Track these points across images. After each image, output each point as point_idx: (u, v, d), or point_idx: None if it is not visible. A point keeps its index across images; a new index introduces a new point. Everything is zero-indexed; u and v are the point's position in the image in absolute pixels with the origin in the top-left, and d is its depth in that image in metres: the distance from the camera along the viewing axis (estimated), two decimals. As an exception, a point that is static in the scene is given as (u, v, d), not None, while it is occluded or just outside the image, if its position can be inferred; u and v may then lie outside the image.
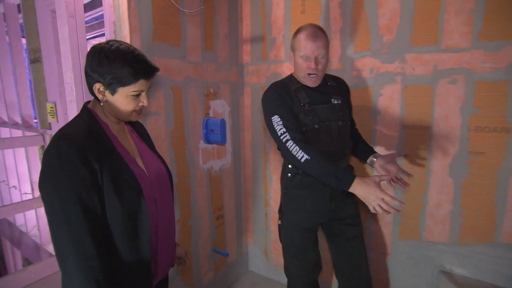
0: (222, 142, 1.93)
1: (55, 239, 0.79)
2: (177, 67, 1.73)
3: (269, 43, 2.14)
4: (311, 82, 1.34)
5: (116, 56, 0.83)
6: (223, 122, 1.92)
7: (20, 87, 2.62)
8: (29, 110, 2.66)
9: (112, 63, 0.82)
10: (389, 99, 1.71)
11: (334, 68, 1.86)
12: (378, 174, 1.41)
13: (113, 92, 0.86)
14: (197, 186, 1.96)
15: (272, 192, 2.33)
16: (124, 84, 0.84)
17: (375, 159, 1.43)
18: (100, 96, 0.88)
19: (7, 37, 2.76)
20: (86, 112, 0.90)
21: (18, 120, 2.89)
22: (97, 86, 0.86)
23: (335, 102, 1.39)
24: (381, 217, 1.85)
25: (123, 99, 0.87)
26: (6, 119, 3.00)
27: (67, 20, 1.27)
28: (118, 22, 1.44)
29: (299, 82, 1.40)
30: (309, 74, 1.31)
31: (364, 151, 1.49)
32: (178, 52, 1.72)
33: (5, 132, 3.22)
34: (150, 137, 1.15)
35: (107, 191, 0.83)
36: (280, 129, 1.27)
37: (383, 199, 1.06)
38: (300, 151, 1.20)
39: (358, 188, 1.12)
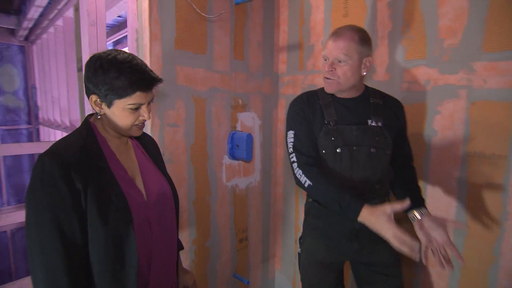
0: (248, 159, 1.78)
1: (30, 263, 0.73)
2: (202, 77, 1.64)
3: (306, 51, 1.95)
4: (326, 86, 1.16)
5: (111, 65, 0.77)
6: (249, 137, 1.77)
7: (71, 94, 2.83)
8: (77, 115, 2.85)
9: (106, 73, 0.76)
10: (449, 118, 1.38)
11: (380, 80, 1.59)
12: (418, 233, 1.09)
13: (109, 105, 0.80)
14: (218, 205, 1.83)
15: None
16: (120, 96, 0.78)
17: (417, 216, 1.10)
18: (97, 109, 0.82)
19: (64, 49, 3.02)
20: (85, 125, 0.85)
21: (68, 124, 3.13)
22: (93, 98, 0.80)
23: (373, 124, 1.14)
24: (434, 263, 1.49)
25: (120, 112, 0.80)
26: (60, 122, 3.27)
27: (87, 29, 1.26)
28: (140, 30, 1.40)
29: (332, 96, 1.19)
30: (325, 77, 1.13)
31: (408, 196, 1.16)
32: (203, 61, 1.63)
33: (58, 134, 3.53)
34: (160, 154, 1.06)
35: (90, 214, 0.75)
36: (290, 147, 1.17)
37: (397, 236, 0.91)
38: (303, 175, 1.10)
39: (368, 219, 0.98)
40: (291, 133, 1.17)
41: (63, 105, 3.12)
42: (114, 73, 0.76)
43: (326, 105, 1.17)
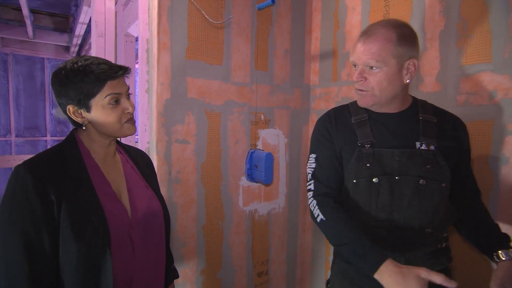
0: (267, 181, 1.63)
1: None
2: (216, 89, 1.55)
3: (341, 59, 1.76)
4: (359, 99, 0.97)
5: (74, 70, 0.78)
6: (269, 156, 1.62)
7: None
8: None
9: (72, 78, 0.77)
10: (527, 142, 1.07)
11: (429, 91, 1.33)
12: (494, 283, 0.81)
13: (88, 109, 0.80)
14: (233, 232, 1.69)
15: (335, 253, 1.84)
16: (93, 94, 0.78)
17: (503, 257, 0.84)
18: (79, 119, 0.82)
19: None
20: (68, 137, 0.85)
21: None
22: (70, 108, 0.81)
23: (422, 147, 0.92)
24: None
25: (101, 112, 0.80)
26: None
27: (95, 40, 1.26)
28: (151, 40, 1.38)
29: (367, 111, 1.00)
30: (357, 88, 0.95)
31: (487, 235, 0.94)
32: (218, 72, 1.55)
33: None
34: (153, 170, 1.03)
35: (63, 229, 0.73)
36: (309, 173, 1.03)
37: None
38: (317, 207, 0.96)
39: (387, 279, 0.79)
40: (312, 157, 1.04)
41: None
42: (79, 75, 0.77)
43: (360, 123, 0.97)
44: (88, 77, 0.77)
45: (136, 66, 4.37)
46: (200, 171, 1.54)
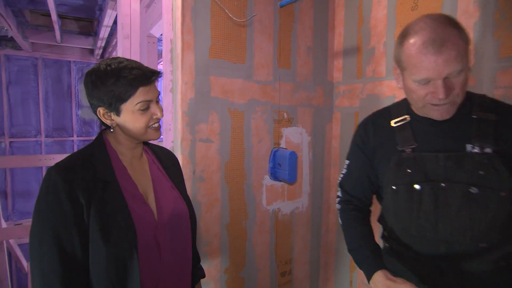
0: (290, 180, 1.62)
1: (30, 272, 0.76)
2: (239, 88, 1.56)
3: (366, 55, 1.73)
4: (438, 113, 0.83)
5: (106, 73, 0.79)
6: (293, 155, 1.61)
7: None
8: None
9: (104, 82, 0.79)
10: None
11: (463, 86, 1.28)
12: None
13: (118, 113, 0.82)
14: (256, 231, 1.69)
15: (361, 254, 1.81)
16: (124, 99, 0.80)
17: None
18: (108, 122, 0.84)
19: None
20: (97, 139, 0.87)
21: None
22: (101, 111, 0.82)
23: (474, 150, 0.82)
24: None
25: (130, 117, 0.82)
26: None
27: (122, 41, 1.30)
28: (174, 40, 1.41)
29: (410, 113, 0.92)
30: (434, 103, 0.82)
31: None
32: (241, 70, 1.56)
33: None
34: (179, 170, 1.04)
35: (92, 230, 0.76)
36: (339, 179, 1.06)
37: None
38: (339, 213, 1.02)
39: (378, 286, 0.83)
40: (346, 163, 1.06)
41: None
42: (111, 78, 0.78)
43: (401, 127, 0.91)
44: (120, 81, 0.78)
45: (159, 66, 4.47)
46: (224, 170, 1.55)
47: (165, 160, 0.99)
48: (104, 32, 3.82)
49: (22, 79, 5.11)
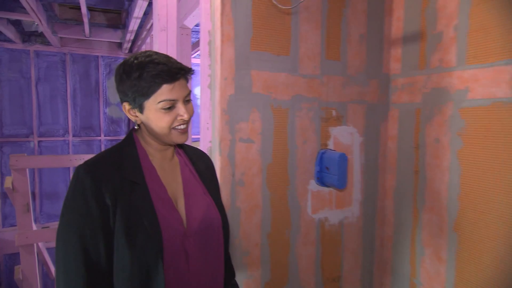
0: (340, 186, 1.62)
1: (55, 272, 0.83)
2: (283, 83, 1.59)
3: (430, 41, 1.68)
4: None
5: (132, 67, 0.83)
6: (343, 158, 1.62)
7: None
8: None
9: (129, 75, 0.83)
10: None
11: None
12: None
13: (141, 109, 0.86)
14: (300, 242, 1.72)
15: (424, 275, 1.77)
16: (146, 95, 0.83)
17: None
18: (132, 118, 0.89)
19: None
20: (127, 138, 0.92)
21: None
22: (126, 106, 0.87)
23: None
24: None
25: (153, 114, 0.85)
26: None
27: (158, 34, 1.39)
28: (213, 31, 1.47)
29: None
30: None
31: None
32: (285, 63, 1.59)
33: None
34: (214, 174, 1.08)
35: (117, 235, 0.80)
36: None
37: None
38: None
39: None
40: None
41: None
42: (136, 72, 0.82)
43: None
44: (143, 76, 0.81)
45: (193, 60, 4.64)
46: (266, 173, 1.59)
47: (199, 163, 1.02)
48: (133, 24, 4.04)
49: (51, 75, 5.56)
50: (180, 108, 0.85)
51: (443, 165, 1.64)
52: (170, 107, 0.84)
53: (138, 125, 0.90)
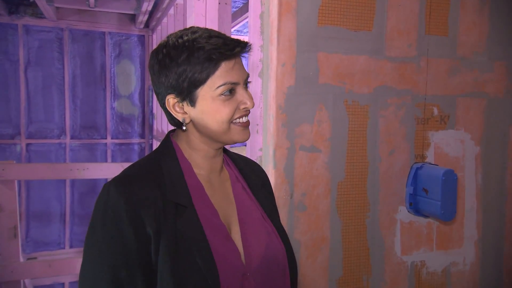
0: (445, 217, 1.65)
1: None
2: (362, 69, 1.66)
3: None
4: None
5: (176, 47, 0.89)
6: (450, 176, 1.64)
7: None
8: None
9: (175, 58, 0.89)
10: None
11: None
12: None
13: (192, 102, 0.92)
14: (385, 295, 1.75)
15: None
16: (202, 80, 0.89)
17: None
18: (179, 116, 0.95)
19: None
20: (165, 145, 1.00)
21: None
22: (170, 100, 0.93)
23: None
24: None
25: (209, 105, 0.91)
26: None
27: (195, 4, 1.52)
28: (267, 2, 1.57)
29: None
30: None
31: None
32: (365, 42, 1.66)
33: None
34: (271, 192, 1.15)
35: (162, 274, 0.86)
36: None
37: None
38: None
39: None
40: None
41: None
42: (183, 54, 0.88)
43: None
44: (194, 56, 0.87)
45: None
46: (336, 194, 1.66)
47: (253, 177, 1.09)
48: (153, -11, 4.28)
49: (44, 58, 5.97)
50: (242, 94, 0.92)
51: None
52: (231, 93, 0.90)
53: (182, 127, 0.97)
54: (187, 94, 0.91)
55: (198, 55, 0.87)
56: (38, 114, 6.00)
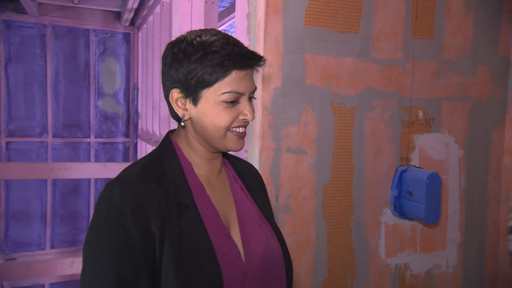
0: (429, 220, 1.67)
1: None
2: (349, 72, 1.67)
3: None
4: None
5: (193, 45, 0.91)
6: (434, 179, 1.66)
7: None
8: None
9: (188, 54, 0.90)
10: None
11: None
12: None
13: (195, 101, 0.93)
14: (369, 297, 1.76)
15: None
16: (209, 83, 0.90)
17: None
18: (179, 111, 0.96)
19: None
20: (166, 144, 1.01)
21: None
22: (174, 94, 0.95)
23: None
24: None
25: (210, 108, 0.92)
26: (158, 136, 3.97)
27: (180, 3, 1.51)
28: (254, 2, 1.57)
29: None
30: None
31: None
32: (352, 44, 1.67)
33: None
34: (265, 193, 1.16)
35: (166, 274, 0.87)
36: None
37: None
38: None
39: None
40: None
41: (163, 113, 3.78)
42: (198, 52, 0.89)
43: None
44: (207, 58, 0.88)
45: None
46: (322, 196, 1.66)
47: (248, 178, 1.11)
48: (139, -14, 4.26)
49: (25, 54, 5.92)
50: (245, 105, 0.93)
51: None
52: (234, 102, 0.92)
53: (181, 123, 0.98)
54: (192, 92, 0.92)
55: (212, 58, 0.88)
56: (19, 111, 5.94)
